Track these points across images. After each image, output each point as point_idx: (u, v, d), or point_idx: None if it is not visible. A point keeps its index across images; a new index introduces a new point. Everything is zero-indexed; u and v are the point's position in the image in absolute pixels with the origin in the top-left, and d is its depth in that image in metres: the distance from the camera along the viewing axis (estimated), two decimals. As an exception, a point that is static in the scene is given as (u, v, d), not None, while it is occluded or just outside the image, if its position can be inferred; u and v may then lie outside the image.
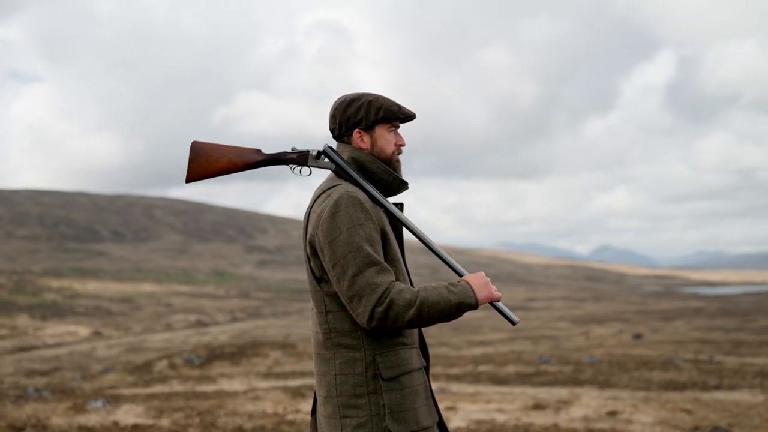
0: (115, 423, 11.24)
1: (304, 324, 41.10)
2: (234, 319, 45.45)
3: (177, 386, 16.44)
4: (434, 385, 15.52)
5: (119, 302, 54.41)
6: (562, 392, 14.25)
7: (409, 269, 3.14)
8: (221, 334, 35.08)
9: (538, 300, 70.35)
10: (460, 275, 3.04)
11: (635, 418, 11.20)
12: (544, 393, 14.15)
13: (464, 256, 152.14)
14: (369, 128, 3.08)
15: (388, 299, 2.78)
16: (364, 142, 3.09)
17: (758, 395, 13.64)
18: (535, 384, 15.59)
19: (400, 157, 3.19)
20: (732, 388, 14.70)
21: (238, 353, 21.82)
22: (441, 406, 12.23)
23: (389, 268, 2.88)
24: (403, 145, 3.16)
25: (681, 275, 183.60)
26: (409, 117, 3.13)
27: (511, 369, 18.30)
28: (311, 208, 3.02)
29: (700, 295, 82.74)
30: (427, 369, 3.12)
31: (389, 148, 3.11)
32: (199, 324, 42.13)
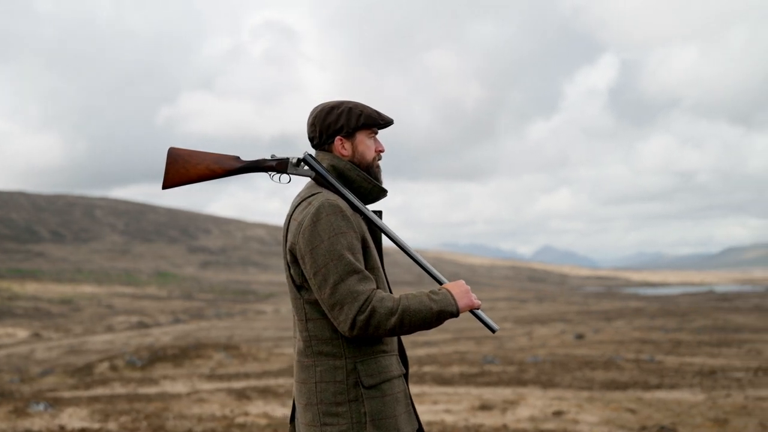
0: (62, 427, 11.09)
1: (247, 325, 40.88)
2: (176, 321, 45.01)
3: (119, 388, 16.25)
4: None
5: (59, 304, 53.62)
6: (506, 392, 14.34)
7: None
8: (163, 335, 34.73)
9: (482, 300, 70.43)
10: (441, 283, 3.07)
11: (581, 417, 11.32)
12: (489, 393, 14.23)
13: (407, 257, 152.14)
14: (350, 135, 3.10)
15: (369, 307, 2.81)
16: (346, 149, 3.10)
17: (698, 394, 13.84)
18: (480, 384, 15.67)
19: (380, 163, 3.20)
20: (672, 387, 14.90)
21: (180, 355, 21.62)
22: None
23: (370, 276, 2.89)
24: (382, 150, 3.18)
25: (622, 276, 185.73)
26: (388, 123, 3.16)
27: (455, 369, 18.37)
28: (291, 215, 3.02)
29: (641, 296, 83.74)
30: (406, 376, 3.13)
31: (370, 154, 3.13)
32: (141, 325, 41.68)
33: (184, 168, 3.13)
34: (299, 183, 3.23)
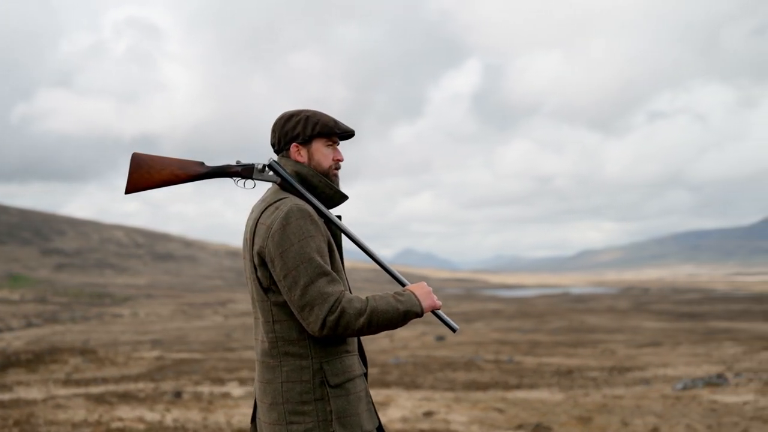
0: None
1: (104, 329, 39.93)
2: (29, 325, 43.59)
3: (-31, 395, 15.60)
4: (242, 390, 15.36)
5: None
6: (371, 394, 14.37)
7: None
8: (16, 340, 33.60)
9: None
10: (404, 285, 3.19)
11: (451, 417, 11.44)
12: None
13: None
14: (306, 142, 3.20)
15: (339, 308, 2.91)
16: (301, 156, 3.20)
17: (556, 393, 14.18)
18: (343, 386, 15.65)
19: (339, 171, 3.30)
20: (532, 387, 15.22)
21: (34, 360, 20.93)
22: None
23: (338, 278, 3.00)
24: (340, 160, 3.27)
25: (480, 278, 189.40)
26: (345, 132, 3.25)
27: (318, 372, 18.31)
28: (258, 219, 3.09)
29: (499, 298, 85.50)
30: (366, 375, 3.25)
31: (326, 162, 3.22)
32: (-8, 330, 40.21)
33: (148, 173, 3.18)
34: (262, 187, 3.29)
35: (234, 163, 3.24)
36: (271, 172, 3.21)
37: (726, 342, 27.18)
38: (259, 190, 3.30)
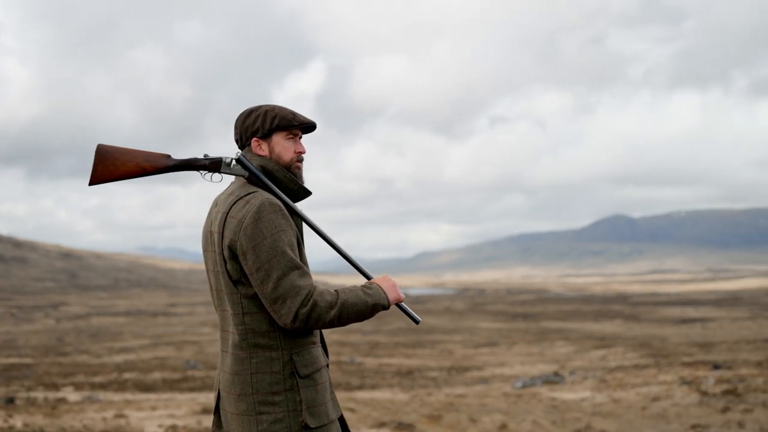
0: None
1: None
2: None
3: None
4: (79, 395, 14.95)
5: None
6: (211, 396, 14.20)
7: None
8: None
9: (180, 305, 69.64)
10: (368, 278, 3.32)
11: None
12: (203, 398, 14.06)
13: (103, 261, 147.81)
14: (266, 136, 3.27)
15: (311, 301, 3.01)
16: (263, 150, 3.27)
17: (399, 393, 14.35)
18: (184, 390, 15.44)
19: (303, 164, 3.37)
20: (374, 387, 15.36)
21: None
22: (108, 415, 12.11)
23: (309, 272, 3.11)
24: (302, 152, 3.33)
25: (321, 280, 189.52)
26: (304, 124, 3.31)
27: (157, 375, 18.01)
28: (228, 213, 3.15)
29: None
30: (327, 365, 3.32)
31: (287, 155, 3.29)
32: None
33: (113, 165, 3.23)
34: (226, 181, 3.40)
35: (201, 157, 3.31)
36: (238, 166, 3.25)
37: (558, 341, 28.13)
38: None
